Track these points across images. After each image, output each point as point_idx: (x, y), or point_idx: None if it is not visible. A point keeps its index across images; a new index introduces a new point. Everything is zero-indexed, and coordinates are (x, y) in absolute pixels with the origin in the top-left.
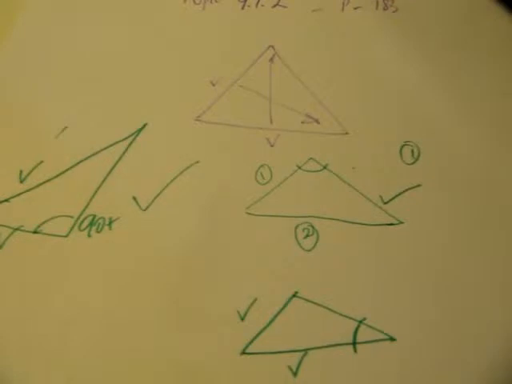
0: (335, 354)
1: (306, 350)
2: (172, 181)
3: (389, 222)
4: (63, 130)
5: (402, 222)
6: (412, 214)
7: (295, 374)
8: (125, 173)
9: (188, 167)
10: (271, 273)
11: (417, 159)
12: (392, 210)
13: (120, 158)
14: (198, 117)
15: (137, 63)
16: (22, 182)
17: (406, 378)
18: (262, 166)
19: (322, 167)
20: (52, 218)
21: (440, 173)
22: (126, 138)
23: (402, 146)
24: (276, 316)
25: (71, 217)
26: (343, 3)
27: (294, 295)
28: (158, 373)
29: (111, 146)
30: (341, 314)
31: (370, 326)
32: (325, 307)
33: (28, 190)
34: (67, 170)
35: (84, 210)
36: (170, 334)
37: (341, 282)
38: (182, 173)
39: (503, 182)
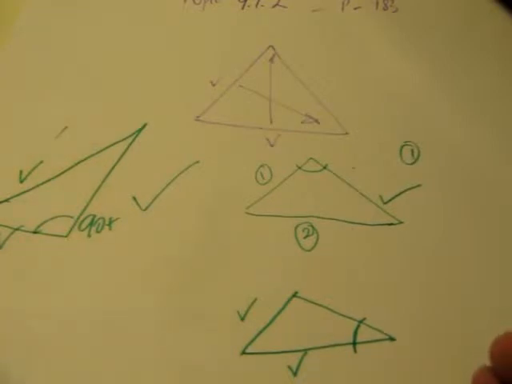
0: (335, 354)
1: (305, 350)
2: (172, 181)
3: (389, 222)
4: (63, 130)
5: (401, 222)
6: (412, 214)
7: (295, 373)
8: (125, 173)
9: (188, 167)
10: (271, 273)
11: (417, 159)
12: (392, 209)
13: (120, 158)
14: (198, 117)
15: (137, 63)
16: (21, 182)
17: (405, 378)
18: (261, 165)
19: (321, 167)
20: (52, 218)
21: (440, 173)
22: (126, 138)
23: (402, 146)
24: (276, 316)
25: (71, 217)
26: (343, 3)
27: (294, 295)
28: (158, 373)
29: (111, 145)
30: (341, 314)
31: (370, 326)
32: (325, 307)
33: (28, 190)
34: (67, 169)
35: (84, 210)
36: (170, 333)
37: (341, 282)
38: (181, 173)
39: (503, 182)
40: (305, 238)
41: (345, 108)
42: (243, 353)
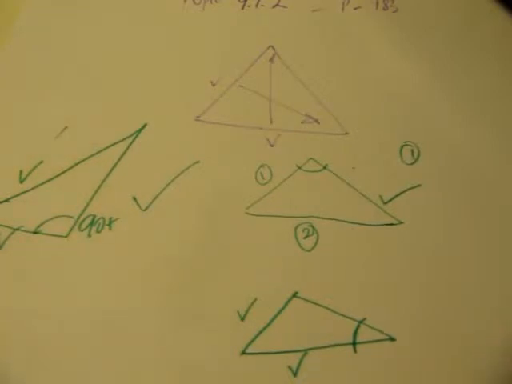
0: (335, 354)
1: (305, 350)
2: (172, 181)
3: (389, 222)
4: (63, 130)
5: (401, 222)
6: (412, 214)
7: (295, 374)
8: (125, 173)
9: (188, 167)
10: (271, 273)
11: (417, 159)
12: (392, 210)
13: (120, 158)
14: (198, 117)
15: (137, 63)
16: (21, 182)
17: (405, 378)
18: (261, 165)
19: (321, 167)
20: (52, 218)
21: (440, 173)
22: (126, 138)
23: (402, 146)
24: (276, 316)
25: (71, 217)
26: (343, 3)
27: (294, 295)
28: (158, 372)
29: (111, 146)
30: (341, 314)
31: (370, 326)
32: (325, 307)
33: (28, 190)
34: (67, 169)
35: (84, 210)
36: (170, 333)
37: (341, 282)
38: (182, 173)
39: (503, 182)
40: (305, 238)
41: (345, 108)
42: (243, 353)
